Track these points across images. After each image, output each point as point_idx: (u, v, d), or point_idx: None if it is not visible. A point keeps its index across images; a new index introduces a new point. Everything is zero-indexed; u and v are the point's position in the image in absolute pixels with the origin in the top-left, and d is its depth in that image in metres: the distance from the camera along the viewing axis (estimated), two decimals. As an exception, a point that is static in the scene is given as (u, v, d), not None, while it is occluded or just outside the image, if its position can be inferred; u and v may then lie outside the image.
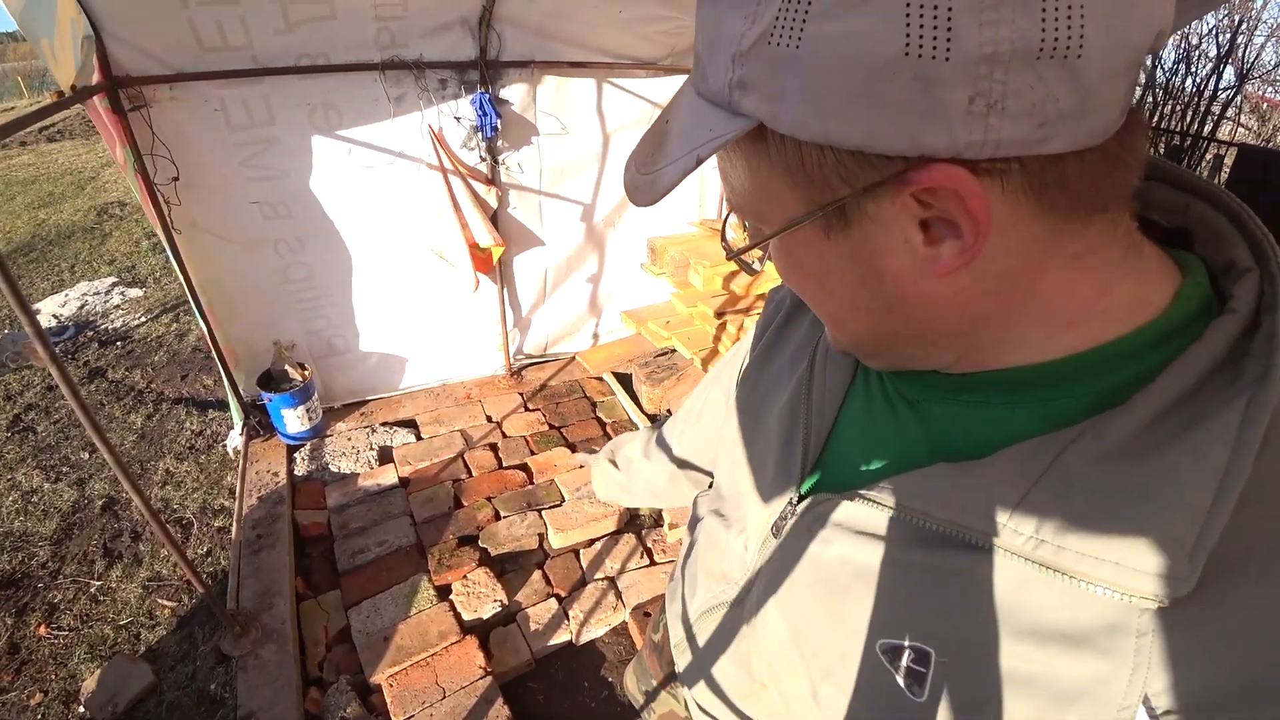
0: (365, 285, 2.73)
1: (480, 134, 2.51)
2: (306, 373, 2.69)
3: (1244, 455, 0.33)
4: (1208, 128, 5.72)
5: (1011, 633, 0.40)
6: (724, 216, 0.50)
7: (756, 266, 0.50)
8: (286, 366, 2.67)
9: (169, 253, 2.25)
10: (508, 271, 3.00)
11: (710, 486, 0.86)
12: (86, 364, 3.66)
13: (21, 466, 2.89)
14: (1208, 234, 0.42)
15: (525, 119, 2.64)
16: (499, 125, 2.48)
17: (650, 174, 0.40)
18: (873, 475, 0.50)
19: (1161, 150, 5.93)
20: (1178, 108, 5.84)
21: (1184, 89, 5.80)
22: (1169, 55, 5.81)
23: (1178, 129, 5.73)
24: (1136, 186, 0.38)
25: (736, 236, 0.49)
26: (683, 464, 0.94)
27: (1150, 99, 5.92)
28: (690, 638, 0.74)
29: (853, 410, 0.55)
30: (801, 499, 0.55)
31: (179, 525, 2.57)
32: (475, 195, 2.58)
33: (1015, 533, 0.39)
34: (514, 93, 2.55)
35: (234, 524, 2.41)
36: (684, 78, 2.80)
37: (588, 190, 2.95)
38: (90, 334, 4.01)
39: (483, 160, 2.62)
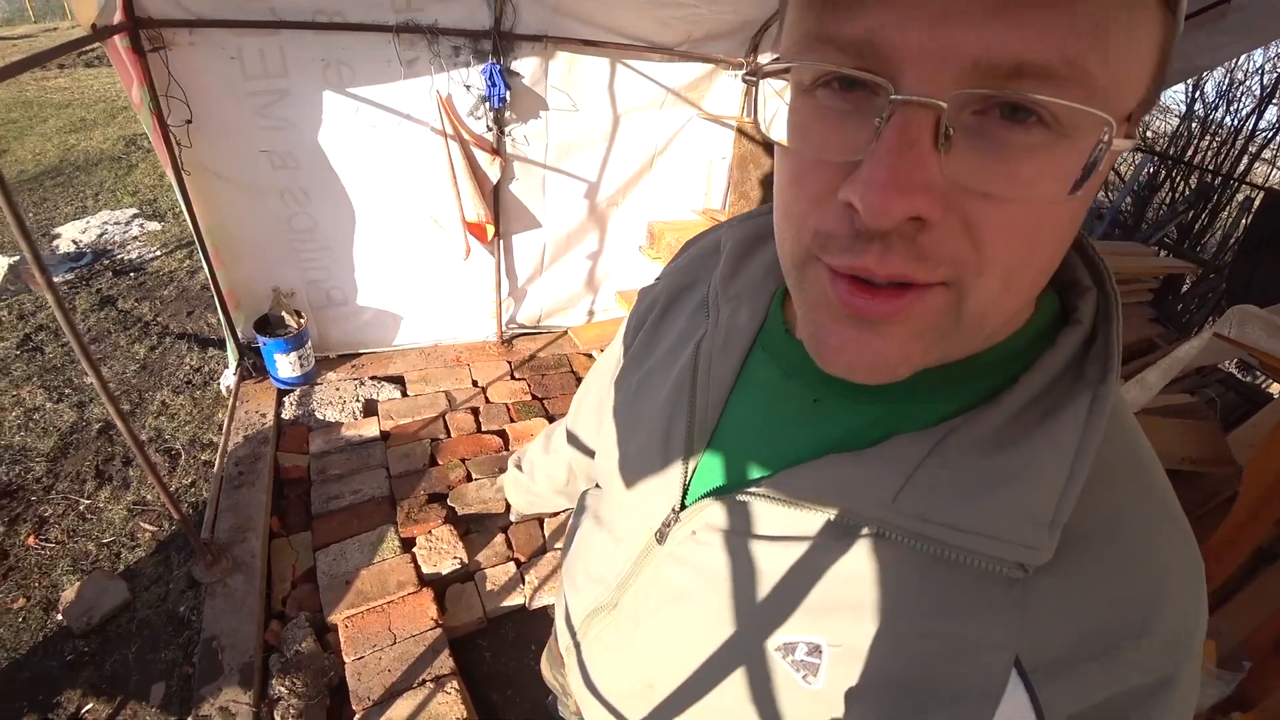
0: (366, 241, 2.80)
1: (488, 104, 2.56)
2: (302, 320, 2.77)
3: (1090, 441, 0.39)
4: (1241, 166, 5.62)
5: (898, 611, 0.43)
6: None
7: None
8: (284, 313, 2.75)
9: (178, 193, 2.33)
10: (507, 241, 3.06)
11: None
12: (99, 291, 3.77)
13: (27, 384, 3.00)
14: None
15: (535, 93, 2.68)
16: (508, 97, 2.52)
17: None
18: (761, 472, 0.50)
19: (1193, 184, 5.83)
20: (1213, 143, 5.73)
21: (1223, 125, 5.70)
22: (1210, 90, 5.70)
23: (1211, 165, 5.63)
24: None
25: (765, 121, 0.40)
26: (587, 451, 0.88)
27: (1186, 132, 5.82)
28: (575, 642, 0.73)
29: (739, 410, 0.54)
30: (685, 504, 0.55)
31: (168, 455, 2.68)
32: (475, 167, 2.63)
33: (899, 514, 0.42)
34: (526, 66, 2.59)
35: (218, 459, 2.51)
36: (696, 65, 2.80)
37: (593, 169, 2.98)
38: (106, 262, 4.12)
39: (489, 130, 2.67)
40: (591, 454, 0.85)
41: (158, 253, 4.30)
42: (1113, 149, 0.31)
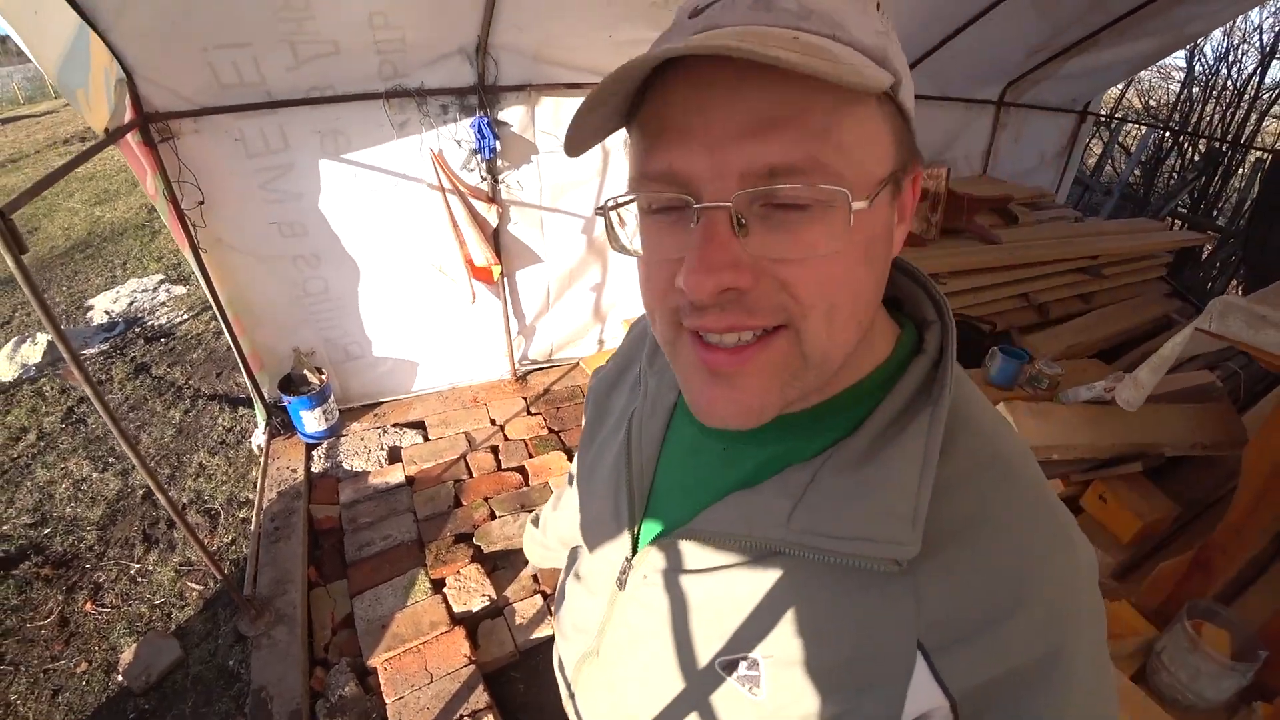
0: (378, 295, 2.92)
1: (479, 156, 2.67)
2: (323, 377, 2.90)
3: (933, 446, 0.47)
4: (1249, 128, 5.52)
5: (813, 618, 0.50)
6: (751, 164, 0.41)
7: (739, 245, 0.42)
8: (305, 371, 2.88)
9: (195, 269, 2.47)
10: (511, 282, 3.16)
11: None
12: (133, 360, 3.96)
13: (73, 456, 3.18)
14: (909, 297, 0.58)
15: (525, 138, 2.78)
16: (498, 147, 2.63)
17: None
18: (688, 517, 0.58)
19: (1201, 152, 5.74)
20: (1218, 108, 5.64)
21: (1226, 89, 5.60)
22: (1210, 52, 5.62)
23: (1217, 131, 5.54)
24: None
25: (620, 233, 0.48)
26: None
27: (1189, 98, 5.74)
28: (570, 692, 0.81)
29: (666, 466, 0.63)
30: (634, 552, 0.64)
31: (208, 515, 2.82)
32: (474, 214, 2.74)
33: (792, 533, 0.50)
34: (513, 114, 2.69)
35: (255, 516, 2.64)
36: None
37: (588, 204, 3.08)
38: (138, 330, 4.32)
39: (483, 180, 2.78)
40: None
41: (185, 316, 4.50)
42: (868, 207, 0.41)
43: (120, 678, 2.17)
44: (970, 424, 0.50)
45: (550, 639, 2.26)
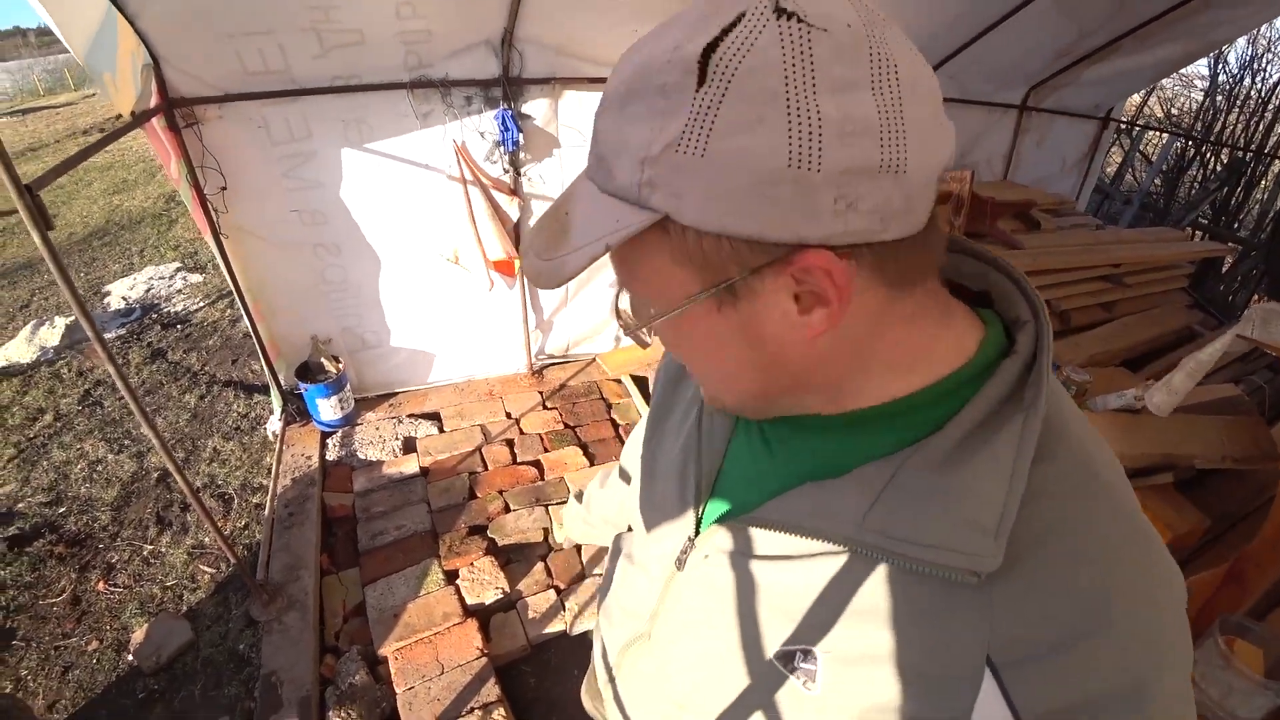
0: (395, 285, 2.92)
1: (503, 148, 2.66)
2: (340, 365, 2.90)
3: (1024, 457, 0.45)
4: (1275, 138, 5.45)
5: (878, 619, 0.49)
6: (615, 295, 0.56)
7: (647, 339, 0.58)
8: (322, 359, 2.88)
9: (217, 255, 2.47)
10: (529, 275, 3.15)
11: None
12: (150, 345, 3.99)
13: (89, 437, 3.20)
14: (1001, 295, 0.55)
15: (548, 132, 2.77)
16: (521, 140, 2.62)
17: (553, 259, 0.46)
18: (755, 502, 0.58)
19: (1224, 162, 5.68)
20: (1242, 116, 5.58)
21: (1250, 97, 5.54)
22: (1233, 61, 5.56)
23: (1241, 140, 5.48)
24: (950, 260, 0.56)
25: (628, 311, 0.56)
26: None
27: (1211, 107, 5.69)
28: (611, 677, 0.82)
29: (736, 453, 0.63)
30: (697, 533, 0.64)
31: (222, 499, 2.82)
32: (495, 207, 2.74)
33: (867, 533, 0.48)
34: (537, 107, 2.69)
35: (269, 502, 2.64)
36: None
37: (608, 199, 3.06)
38: (155, 316, 4.35)
39: (505, 172, 2.77)
40: None
41: (201, 304, 4.52)
42: (679, 315, 0.48)
43: (131, 657, 2.18)
44: (1064, 434, 0.48)
45: (561, 635, 2.25)
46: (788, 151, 0.37)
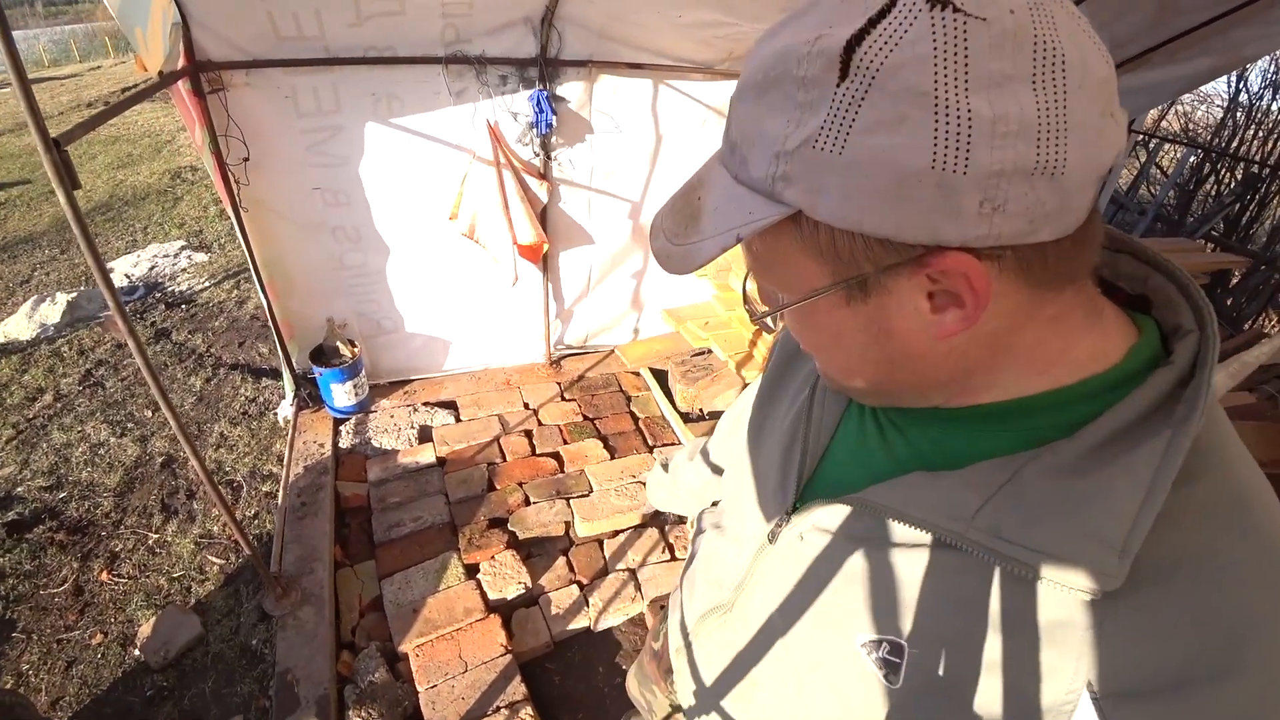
0: (415, 270, 2.84)
1: (535, 130, 2.58)
2: (356, 350, 2.81)
3: (1165, 475, 0.40)
4: (1290, 154, 5.45)
5: (975, 623, 0.46)
6: (744, 280, 0.55)
7: (773, 325, 0.58)
8: (338, 343, 2.79)
9: (236, 228, 2.38)
10: (553, 264, 3.07)
11: (714, 505, 0.93)
12: (153, 324, 3.87)
13: (91, 420, 3.08)
14: (1162, 301, 0.50)
15: (581, 116, 2.69)
16: (554, 122, 2.54)
17: (684, 245, 0.46)
18: (860, 484, 0.56)
19: (1239, 177, 5.67)
20: (1260, 133, 5.58)
21: (1270, 114, 5.54)
22: (1255, 79, 5.56)
23: (1257, 156, 5.48)
24: (1107, 259, 0.52)
25: (755, 297, 0.55)
26: (718, 471, 1.00)
27: (1231, 123, 5.69)
28: (687, 643, 0.81)
29: (846, 434, 0.62)
30: (795, 509, 0.62)
31: (229, 487, 2.72)
32: (526, 191, 2.65)
33: (978, 531, 0.45)
34: (571, 90, 2.60)
35: (281, 490, 2.55)
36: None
37: (637, 189, 2.99)
38: (158, 295, 4.23)
39: (536, 155, 2.69)
40: (718, 471, 0.99)
41: (206, 284, 4.41)
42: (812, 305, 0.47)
43: (137, 652, 2.09)
44: (1215, 458, 0.43)
45: (585, 632, 2.18)
46: (932, 152, 0.36)
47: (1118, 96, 0.39)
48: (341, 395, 2.79)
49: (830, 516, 0.57)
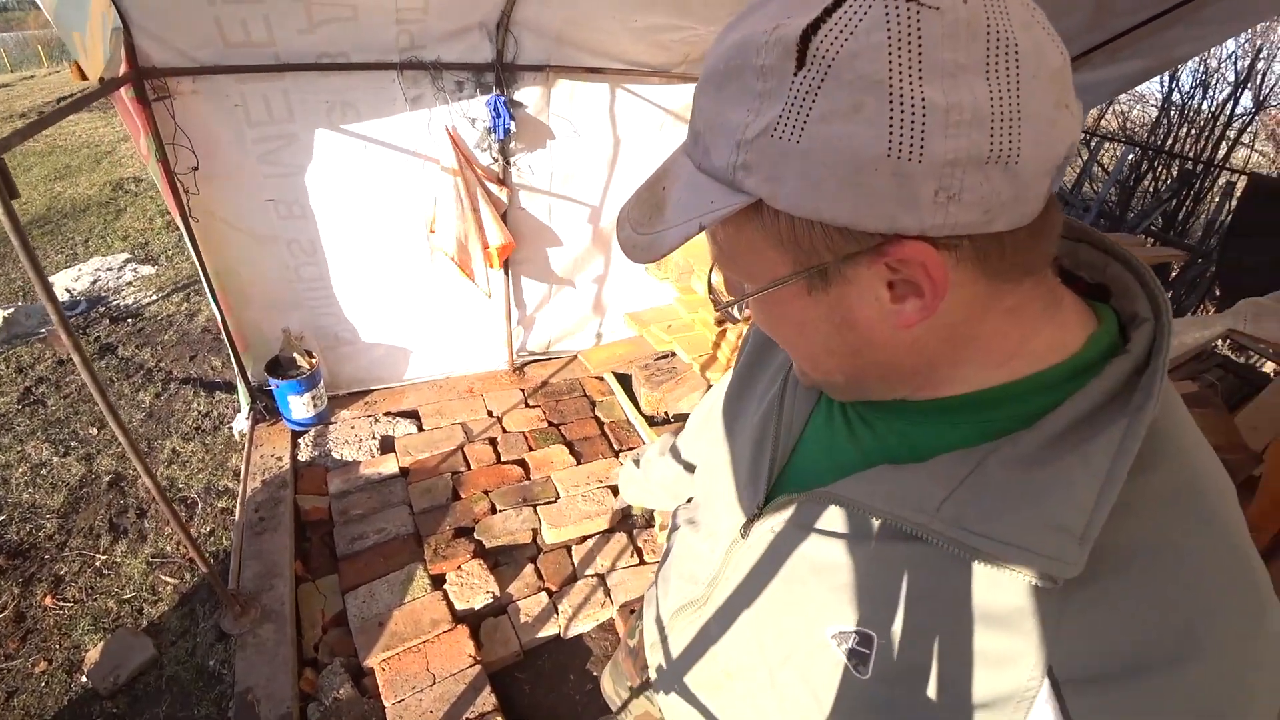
0: (374, 281, 2.79)
1: (494, 135, 2.56)
2: (313, 360, 2.75)
3: (1121, 463, 0.41)
4: (1221, 152, 5.72)
5: (941, 612, 0.47)
6: (710, 271, 0.56)
7: (738, 315, 0.57)
8: (295, 354, 2.72)
9: (186, 239, 2.31)
10: (515, 269, 3.05)
11: (689, 502, 0.94)
12: (98, 339, 3.73)
13: (31, 439, 2.96)
14: (1120, 289, 0.52)
15: (539, 121, 2.69)
16: (512, 128, 2.53)
17: (650, 234, 0.46)
18: (829, 478, 0.57)
19: (1175, 173, 5.93)
20: (1192, 131, 5.84)
21: (1200, 112, 5.80)
22: (1186, 78, 5.81)
23: (1191, 153, 5.73)
24: (1067, 248, 0.54)
25: (720, 288, 0.56)
26: (689, 467, 1.01)
27: (1165, 121, 5.94)
28: (663, 638, 0.82)
29: (815, 428, 0.63)
30: (766, 503, 0.63)
31: (183, 504, 2.64)
32: (489, 194, 2.64)
33: (942, 522, 0.46)
34: (529, 95, 2.60)
35: (238, 506, 2.48)
36: (694, 85, 2.83)
37: (597, 193, 2.99)
38: (102, 309, 4.08)
39: (495, 161, 2.67)
40: (691, 469, 1.00)
41: (154, 297, 4.26)
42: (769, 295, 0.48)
43: (85, 678, 2.00)
44: (1171, 446, 0.45)
45: (555, 639, 2.17)
46: (887, 141, 0.36)
47: (1073, 88, 0.40)
48: (300, 407, 2.73)
49: (800, 511, 0.58)
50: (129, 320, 3.97)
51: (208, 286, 2.44)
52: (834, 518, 0.55)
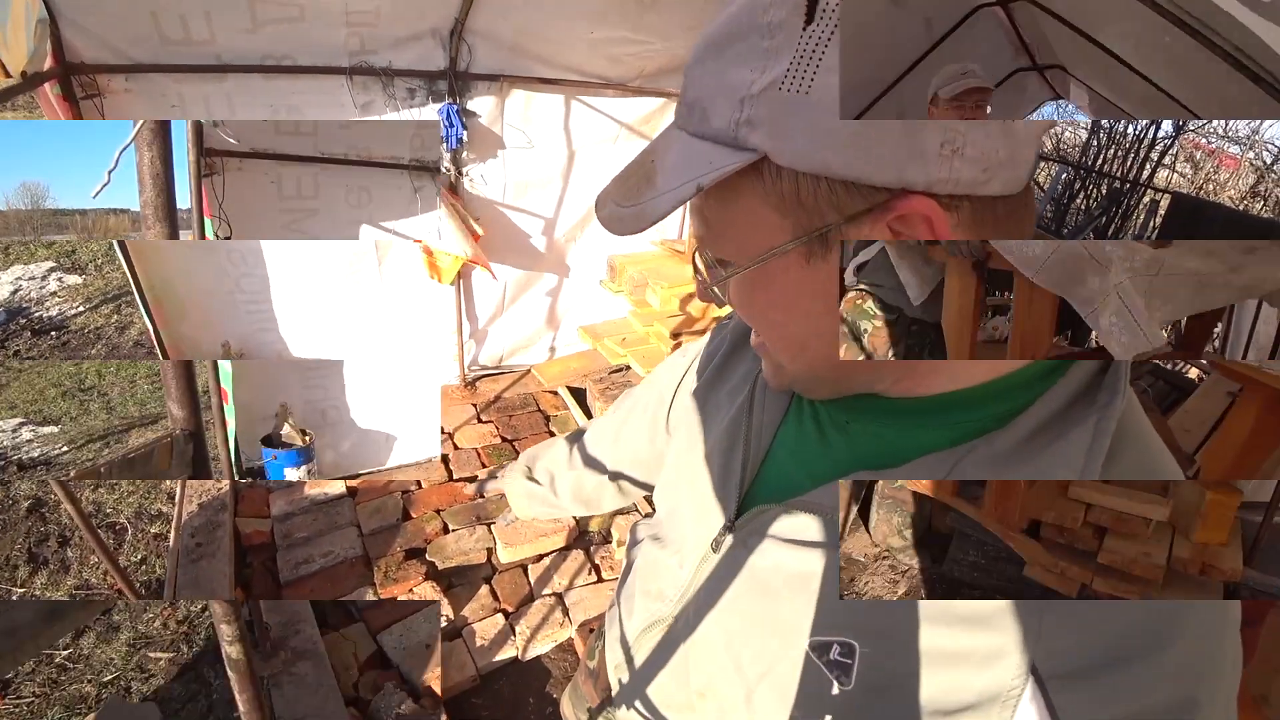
0: (313, 290, 2.67)
1: (445, 144, 2.51)
2: (308, 438, 2.63)
3: (1095, 459, 0.42)
4: (1146, 173, 6.04)
5: (924, 617, 0.47)
6: (693, 250, 0.54)
7: (724, 298, 0.55)
8: (289, 428, 2.60)
9: (117, 249, 2.18)
10: (467, 282, 2.99)
11: (648, 516, 0.91)
12: (17, 353, 3.51)
13: (-60, 462, 2.75)
14: None
15: (492, 131, 2.65)
16: (464, 137, 2.49)
17: (637, 205, 0.45)
18: (803, 487, 0.56)
19: (1103, 192, 6.24)
20: (1119, 152, 6.16)
21: (1126, 135, 6.13)
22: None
23: (1119, 174, 6.04)
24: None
25: (704, 269, 0.54)
26: (617, 476, 0.98)
27: (1095, 142, 6.25)
28: (629, 658, 0.78)
29: (786, 436, 0.62)
30: (739, 515, 0.61)
31: (112, 530, 2.48)
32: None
33: None
34: (482, 105, 2.56)
35: (172, 531, 2.34)
36: (649, 99, 2.83)
37: (550, 205, 2.96)
38: (23, 321, 3.84)
39: (446, 170, 2.62)
40: (621, 477, 0.98)
41: (81, 308, 4.04)
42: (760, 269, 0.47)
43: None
44: (1137, 443, 0.46)
45: (513, 662, 2.10)
46: None
47: None
48: (294, 476, 2.60)
49: (774, 521, 0.57)
50: (53, 333, 3.75)
51: (143, 305, 2.31)
52: (810, 527, 0.54)
